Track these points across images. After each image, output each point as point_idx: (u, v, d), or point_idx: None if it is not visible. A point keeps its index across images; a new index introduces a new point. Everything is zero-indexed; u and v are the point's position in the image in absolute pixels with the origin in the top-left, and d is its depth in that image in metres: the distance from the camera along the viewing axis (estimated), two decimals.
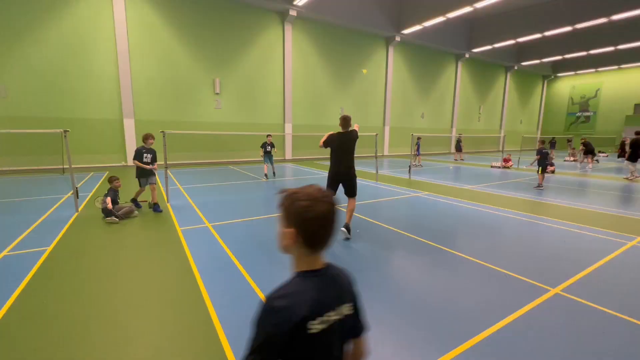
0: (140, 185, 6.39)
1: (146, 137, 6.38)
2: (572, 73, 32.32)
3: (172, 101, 14.63)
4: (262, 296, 3.13)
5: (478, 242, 4.85)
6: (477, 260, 4.10)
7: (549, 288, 3.38)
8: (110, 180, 6.05)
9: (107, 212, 5.63)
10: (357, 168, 5.03)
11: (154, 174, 6.47)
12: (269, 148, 10.82)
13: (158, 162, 6.78)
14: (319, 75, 18.69)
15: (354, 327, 1.07)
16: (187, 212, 6.30)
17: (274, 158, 11.23)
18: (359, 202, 7.39)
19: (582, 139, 17.99)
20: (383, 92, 21.68)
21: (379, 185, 9.87)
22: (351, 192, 4.86)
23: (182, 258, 4.07)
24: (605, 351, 2.43)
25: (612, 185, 10.57)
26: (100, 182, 9.60)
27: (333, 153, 4.83)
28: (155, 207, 6.34)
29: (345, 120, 4.79)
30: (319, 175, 11.87)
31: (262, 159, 10.94)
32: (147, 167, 6.28)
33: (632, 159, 11.71)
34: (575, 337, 2.59)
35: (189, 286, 3.34)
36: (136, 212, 6.07)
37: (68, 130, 6.02)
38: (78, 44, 12.46)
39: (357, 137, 4.85)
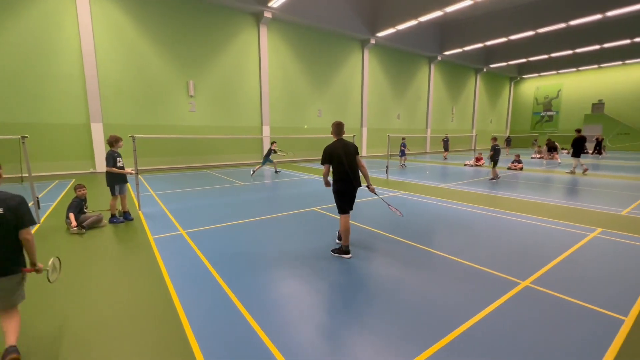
0: (113, 194, 5.87)
1: (116, 140, 5.86)
2: (536, 75, 34.22)
3: (144, 104, 14.08)
4: (240, 305, 3.05)
5: (452, 239, 4.99)
6: (451, 257, 4.21)
7: (519, 281, 3.52)
8: (75, 188, 5.71)
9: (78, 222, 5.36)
10: None
11: (127, 182, 6.14)
12: (276, 150, 12.52)
13: (129, 168, 6.51)
14: (296, 77, 18.65)
15: (16, 224, 2.21)
16: (160, 220, 6.06)
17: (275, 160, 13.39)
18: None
19: (547, 139, 19.68)
20: (360, 93, 21.96)
21: None
22: (352, 205, 4.35)
23: (154, 268, 3.89)
24: (573, 339, 2.55)
25: (571, 180, 11.23)
26: (66, 190, 9.06)
27: (339, 165, 4.13)
28: (126, 215, 6.05)
29: (339, 127, 4.23)
30: (298, 178, 11.81)
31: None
32: (124, 171, 5.91)
33: (575, 154, 12.85)
34: (545, 327, 2.71)
35: (161, 297, 3.19)
36: (104, 221, 5.77)
37: (26, 136, 5.62)
38: (38, 44, 11.72)
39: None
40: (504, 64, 29.19)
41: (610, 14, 16.87)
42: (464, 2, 15.15)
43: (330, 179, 4.37)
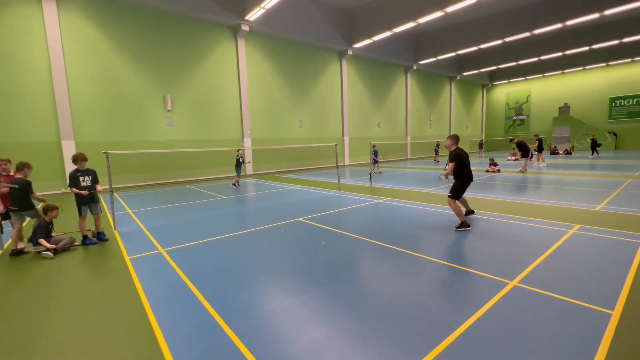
0: (80, 214, 5.54)
1: (75, 159, 5.62)
2: (506, 81, 35.87)
3: (119, 120, 13.62)
4: (225, 326, 2.87)
5: (437, 242, 4.99)
6: (440, 261, 4.18)
7: (507, 281, 3.52)
8: (45, 210, 5.34)
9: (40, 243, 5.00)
10: (319, 179, 4.95)
11: (98, 202, 5.81)
12: (242, 160, 12.38)
13: (102, 186, 6.18)
14: (276, 88, 18.67)
15: None
16: (137, 239, 5.75)
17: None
18: (325, 212, 7.33)
19: (514, 140, 14.89)
20: (340, 103, 22.21)
21: (342, 194, 9.91)
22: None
23: (130, 290, 3.64)
24: (566, 337, 2.54)
25: (546, 179, 11.66)
26: None
27: (465, 165, 5.71)
28: (100, 236, 5.71)
29: (458, 138, 5.99)
30: (281, 189, 11.66)
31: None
32: (85, 192, 5.58)
33: (525, 155, 13.81)
34: (538, 326, 2.69)
35: (138, 322, 2.96)
36: (77, 242, 5.41)
37: None
38: (3, 60, 11.17)
39: None
40: (475, 71, 30.44)
41: (569, 23, 18.01)
42: (435, 13, 15.76)
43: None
